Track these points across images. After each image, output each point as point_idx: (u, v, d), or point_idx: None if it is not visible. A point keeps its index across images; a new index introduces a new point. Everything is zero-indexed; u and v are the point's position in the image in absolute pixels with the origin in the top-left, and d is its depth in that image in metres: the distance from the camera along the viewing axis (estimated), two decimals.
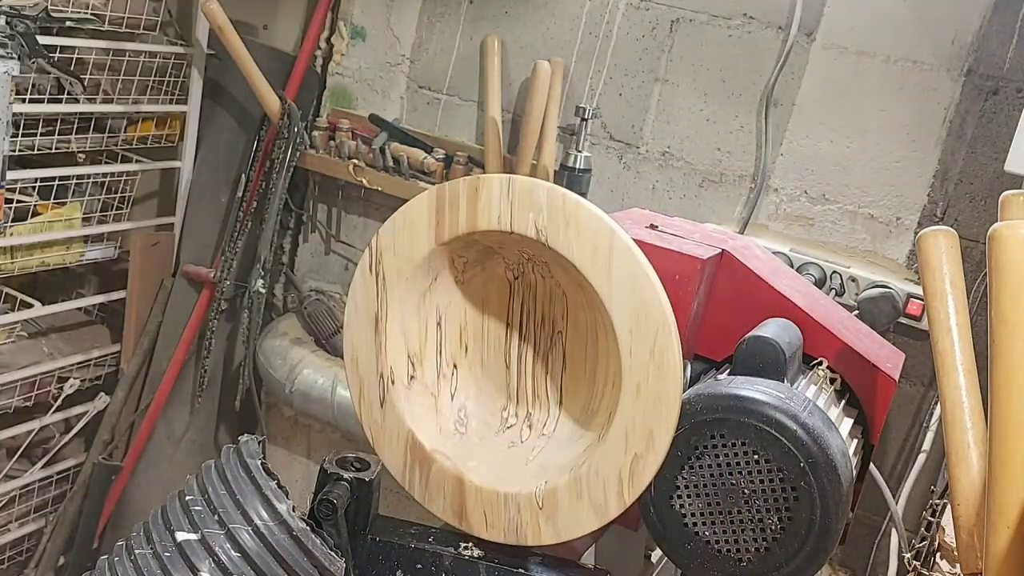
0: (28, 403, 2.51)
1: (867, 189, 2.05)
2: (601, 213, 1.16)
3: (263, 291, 2.54)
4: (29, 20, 2.12)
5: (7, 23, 2.06)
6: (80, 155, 2.59)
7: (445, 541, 1.31)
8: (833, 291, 2.04)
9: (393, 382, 1.30)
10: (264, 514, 1.19)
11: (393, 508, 2.36)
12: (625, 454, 1.16)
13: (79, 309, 2.71)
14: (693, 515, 1.19)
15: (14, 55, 2.05)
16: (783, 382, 1.23)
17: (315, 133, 2.50)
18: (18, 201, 2.37)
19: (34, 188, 2.46)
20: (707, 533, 1.19)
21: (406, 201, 1.28)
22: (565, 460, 1.25)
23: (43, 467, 2.61)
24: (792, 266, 2.05)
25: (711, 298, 1.45)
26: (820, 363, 1.42)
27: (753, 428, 1.14)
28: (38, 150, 2.35)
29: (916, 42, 1.96)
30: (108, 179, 2.55)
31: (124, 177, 2.56)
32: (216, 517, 1.19)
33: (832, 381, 1.42)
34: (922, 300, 1.94)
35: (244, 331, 2.57)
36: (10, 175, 2.21)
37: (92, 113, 2.47)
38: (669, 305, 1.13)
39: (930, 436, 1.99)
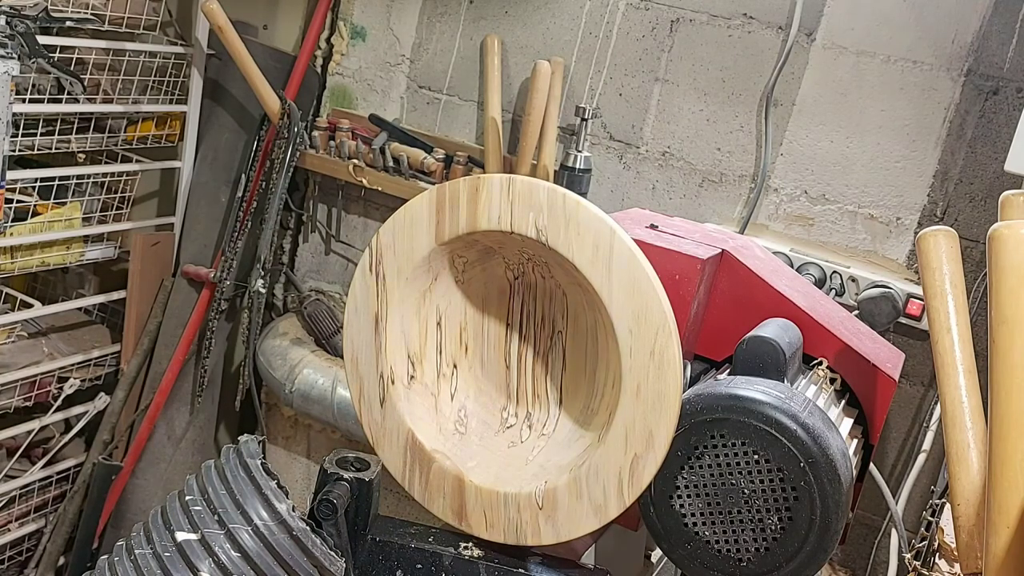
0: (28, 403, 2.50)
1: (867, 189, 2.05)
2: (601, 213, 1.16)
3: (263, 291, 2.54)
4: (29, 20, 2.12)
5: (7, 23, 2.06)
6: (80, 155, 2.59)
7: (445, 541, 1.31)
8: (833, 291, 2.04)
9: (393, 382, 1.30)
10: (264, 514, 1.19)
11: (393, 508, 2.37)
12: (625, 454, 1.16)
13: (79, 309, 2.70)
14: (693, 515, 1.19)
15: (14, 55, 2.05)
16: (783, 382, 1.23)
17: (315, 133, 2.49)
18: (18, 201, 2.36)
19: (34, 188, 2.46)
20: (707, 533, 1.19)
21: (406, 201, 1.28)
22: (565, 460, 1.25)
23: (43, 467, 2.61)
24: (792, 266, 2.04)
25: (711, 298, 1.45)
26: (820, 363, 1.42)
27: (753, 428, 1.14)
28: (38, 150, 2.35)
29: (916, 42, 1.96)
30: (108, 179, 2.55)
31: (124, 177, 2.56)
32: (216, 517, 1.19)
33: (832, 381, 1.42)
34: (922, 300, 1.94)
35: (244, 331, 2.57)
36: (10, 175, 2.21)
37: (92, 113, 2.47)
38: (669, 305, 1.13)
39: (930, 436, 1.99)
